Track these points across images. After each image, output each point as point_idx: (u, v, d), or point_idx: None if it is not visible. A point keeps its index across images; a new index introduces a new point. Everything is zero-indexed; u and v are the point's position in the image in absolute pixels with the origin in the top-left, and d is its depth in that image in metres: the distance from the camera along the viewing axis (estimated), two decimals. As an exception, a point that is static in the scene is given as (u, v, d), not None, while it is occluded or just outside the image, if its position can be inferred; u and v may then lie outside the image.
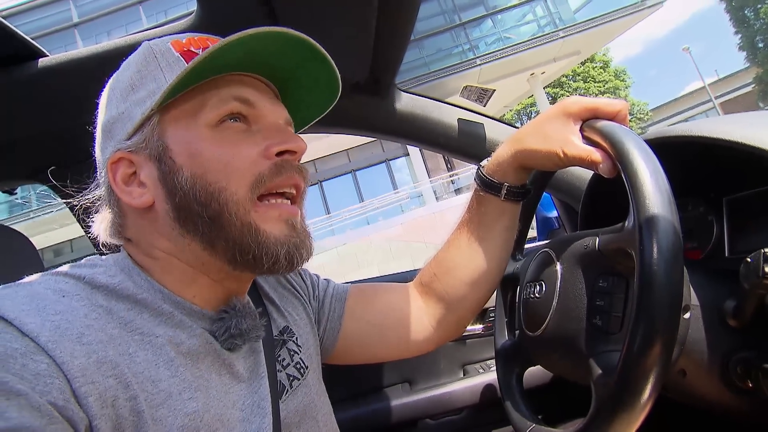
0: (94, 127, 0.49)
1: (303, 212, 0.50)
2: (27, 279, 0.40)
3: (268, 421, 0.45)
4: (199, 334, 0.43)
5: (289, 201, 0.48)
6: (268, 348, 0.51)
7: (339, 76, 0.50)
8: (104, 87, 0.49)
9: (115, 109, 0.46)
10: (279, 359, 0.53)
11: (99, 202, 0.50)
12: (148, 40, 0.49)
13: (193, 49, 0.46)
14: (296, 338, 0.58)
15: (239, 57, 0.44)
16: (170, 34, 0.49)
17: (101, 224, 0.49)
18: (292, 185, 0.47)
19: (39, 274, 0.41)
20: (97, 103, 0.50)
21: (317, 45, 0.46)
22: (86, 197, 0.51)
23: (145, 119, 0.44)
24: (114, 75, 0.49)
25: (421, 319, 0.67)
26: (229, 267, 0.45)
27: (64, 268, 0.43)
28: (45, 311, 0.35)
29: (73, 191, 0.52)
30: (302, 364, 0.56)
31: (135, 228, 0.47)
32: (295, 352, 0.56)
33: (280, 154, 0.46)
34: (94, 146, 0.49)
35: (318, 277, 0.70)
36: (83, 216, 0.52)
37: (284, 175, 0.46)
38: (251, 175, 0.44)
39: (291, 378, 0.53)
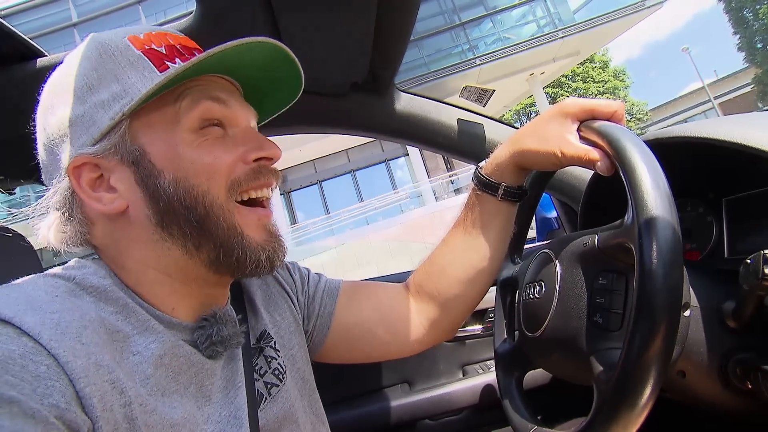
0: (34, 129, 0.46)
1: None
2: (15, 282, 0.39)
3: (245, 431, 0.45)
4: (179, 346, 0.43)
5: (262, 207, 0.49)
6: (246, 356, 0.51)
7: (302, 74, 0.51)
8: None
9: (71, 110, 0.43)
10: (256, 368, 0.52)
11: (42, 206, 0.46)
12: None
13: (155, 47, 0.45)
14: (274, 342, 0.56)
15: (213, 63, 0.44)
16: (167, 27, 0.48)
17: (49, 230, 0.46)
18: (268, 186, 0.49)
19: (28, 277, 0.40)
20: None
21: (288, 51, 0.47)
22: (31, 205, 0.48)
23: (114, 125, 0.42)
24: (58, 71, 0.46)
25: (413, 319, 0.66)
26: (209, 272, 0.46)
27: (54, 270, 0.42)
28: (42, 309, 0.34)
29: None
30: (280, 369, 0.55)
31: (105, 235, 0.45)
32: (273, 358, 0.55)
33: (257, 159, 0.47)
34: (35, 149, 0.46)
35: (309, 271, 0.68)
36: None
37: (261, 180, 0.47)
38: (228, 178, 0.45)
39: (269, 385, 0.52)
